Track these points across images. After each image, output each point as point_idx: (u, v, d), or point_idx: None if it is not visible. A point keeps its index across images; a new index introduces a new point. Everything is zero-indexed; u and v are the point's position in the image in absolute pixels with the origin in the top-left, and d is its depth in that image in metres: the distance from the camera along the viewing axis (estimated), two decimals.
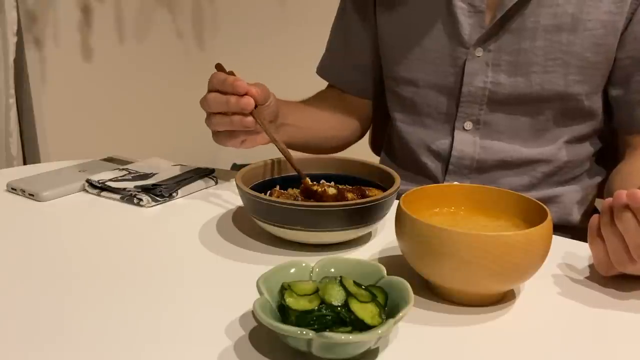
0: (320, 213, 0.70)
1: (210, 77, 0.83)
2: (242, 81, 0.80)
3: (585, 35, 0.90)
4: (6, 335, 0.56)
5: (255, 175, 0.80)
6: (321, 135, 1.08)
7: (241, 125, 0.82)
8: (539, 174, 0.98)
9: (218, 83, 0.81)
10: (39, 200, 0.87)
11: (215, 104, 0.81)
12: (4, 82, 1.69)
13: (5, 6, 1.64)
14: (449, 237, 0.58)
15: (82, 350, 0.54)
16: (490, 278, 0.59)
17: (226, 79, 0.81)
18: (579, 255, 0.73)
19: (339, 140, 1.13)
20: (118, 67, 2.14)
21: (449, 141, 1.00)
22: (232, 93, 0.80)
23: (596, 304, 0.63)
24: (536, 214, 0.63)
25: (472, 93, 0.96)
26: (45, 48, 1.91)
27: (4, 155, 1.74)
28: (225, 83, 0.81)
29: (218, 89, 0.82)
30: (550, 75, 0.92)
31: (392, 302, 0.55)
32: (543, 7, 0.90)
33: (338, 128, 1.11)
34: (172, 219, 0.84)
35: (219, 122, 0.83)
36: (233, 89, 0.80)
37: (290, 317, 0.53)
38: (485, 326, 0.59)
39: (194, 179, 0.92)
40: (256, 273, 0.57)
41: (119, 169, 0.95)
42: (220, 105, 0.81)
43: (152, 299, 0.63)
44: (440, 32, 0.97)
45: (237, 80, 0.80)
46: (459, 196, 0.70)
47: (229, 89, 0.80)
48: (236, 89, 0.80)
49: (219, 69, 0.84)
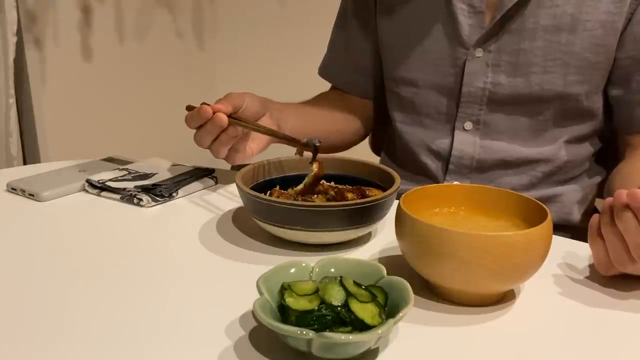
0: (320, 213, 0.70)
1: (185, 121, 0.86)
2: (205, 106, 0.83)
3: (585, 36, 0.90)
4: (6, 335, 0.56)
5: (255, 175, 0.80)
6: (325, 131, 1.07)
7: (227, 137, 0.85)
8: (539, 173, 0.98)
9: (190, 121, 0.85)
10: (39, 200, 0.87)
11: (202, 140, 0.85)
12: (4, 82, 1.69)
13: (5, 6, 1.64)
14: (449, 237, 0.58)
15: (83, 349, 0.54)
16: (490, 278, 0.59)
17: (191, 115, 0.84)
18: (579, 255, 0.73)
19: (342, 136, 1.12)
20: (118, 67, 2.14)
21: (449, 141, 1.00)
22: (204, 121, 0.83)
23: (596, 304, 0.63)
24: (536, 214, 0.63)
25: (472, 93, 0.96)
26: (45, 48, 1.91)
27: (4, 155, 1.74)
28: (193, 118, 0.84)
29: (194, 126, 0.85)
30: (550, 75, 0.92)
31: (392, 302, 0.55)
32: (542, 7, 0.90)
33: (341, 126, 1.12)
34: (172, 219, 0.84)
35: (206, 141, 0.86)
36: (201, 118, 0.83)
37: (290, 317, 0.53)
38: (485, 326, 0.59)
39: (194, 179, 0.92)
40: (256, 273, 0.57)
41: (119, 169, 0.95)
42: (206, 137, 0.85)
43: (152, 299, 0.63)
44: (440, 33, 0.97)
45: (200, 108, 0.83)
46: (459, 196, 0.70)
47: (199, 119, 0.83)
48: (203, 116, 0.83)
49: (188, 109, 0.87)
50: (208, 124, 0.83)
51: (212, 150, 0.87)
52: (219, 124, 0.82)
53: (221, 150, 0.86)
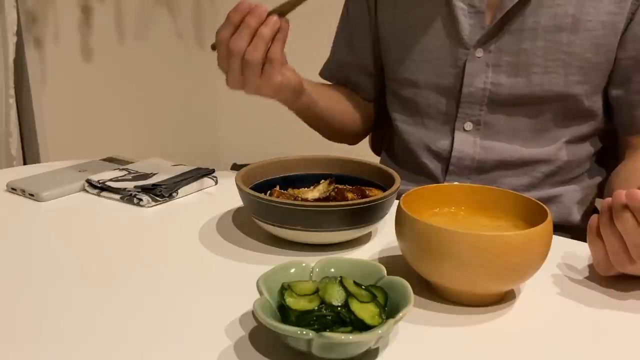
0: (320, 213, 0.70)
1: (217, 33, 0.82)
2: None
3: (586, 36, 0.90)
4: (6, 335, 0.56)
5: (255, 175, 0.80)
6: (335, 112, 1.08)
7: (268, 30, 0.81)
8: (539, 174, 0.98)
9: (225, 26, 0.81)
10: (39, 200, 0.87)
11: (239, 40, 0.80)
12: (4, 82, 1.69)
13: (5, 6, 1.64)
14: (449, 237, 0.58)
15: (83, 350, 0.54)
16: (490, 278, 0.59)
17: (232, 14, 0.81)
18: (579, 255, 0.73)
19: (347, 123, 1.12)
20: (118, 67, 2.14)
21: (449, 142, 1.00)
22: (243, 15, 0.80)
23: (596, 304, 0.63)
24: (536, 214, 0.63)
25: (473, 94, 0.96)
26: (45, 48, 1.91)
27: (4, 155, 1.74)
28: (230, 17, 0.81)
29: (233, 23, 0.81)
30: (551, 75, 0.92)
31: (392, 302, 0.55)
32: (543, 7, 0.91)
33: (348, 112, 1.12)
34: (172, 219, 0.84)
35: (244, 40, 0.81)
36: (238, 12, 0.80)
37: (290, 317, 0.53)
38: (485, 326, 0.59)
39: (194, 179, 0.93)
40: (256, 273, 0.57)
41: (119, 169, 0.95)
42: (245, 34, 0.80)
43: (152, 299, 0.63)
44: (441, 33, 0.97)
45: (238, 3, 0.80)
46: (459, 196, 0.70)
47: (237, 15, 0.80)
48: (241, 10, 0.80)
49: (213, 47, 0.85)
50: (247, 16, 0.80)
51: (249, 53, 0.81)
52: (259, 11, 0.80)
53: (261, 49, 0.81)
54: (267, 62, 0.83)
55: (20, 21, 1.72)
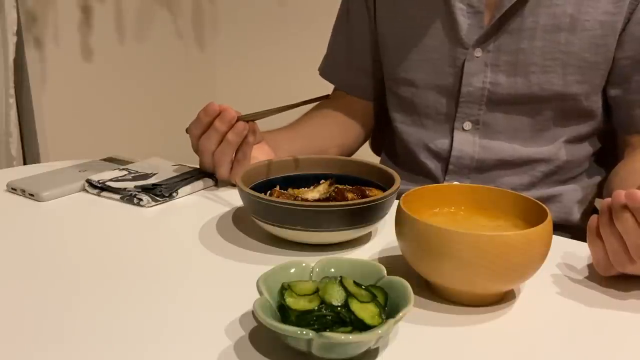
0: (320, 213, 0.70)
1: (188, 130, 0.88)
2: (212, 103, 0.84)
3: (584, 36, 0.90)
4: (7, 335, 0.57)
5: (255, 175, 0.81)
6: (321, 151, 1.07)
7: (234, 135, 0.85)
8: (539, 173, 0.98)
9: (195, 124, 0.86)
10: (39, 200, 0.87)
11: (208, 142, 0.86)
12: (4, 82, 1.69)
13: (5, 6, 1.64)
14: (449, 237, 0.58)
15: (83, 349, 0.54)
16: (490, 278, 0.59)
17: (197, 118, 0.86)
18: (579, 255, 0.73)
19: (340, 150, 1.11)
20: (118, 67, 2.14)
21: (448, 141, 1.00)
22: (212, 118, 0.84)
23: (596, 304, 0.63)
24: (536, 213, 0.63)
25: (471, 93, 0.96)
26: (45, 48, 1.91)
27: (4, 155, 1.74)
28: (198, 118, 0.85)
29: (201, 126, 0.85)
30: (549, 75, 0.92)
31: (392, 302, 0.55)
32: (541, 7, 0.91)
33: (338, 140, 1.11)
34: (172, 219, 0.84)
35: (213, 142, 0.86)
36: (207, 114, 0.84)
37: (290, 317, 0.53)
38: (485, 326, 0.59)
39: (194, 179, 0.92)
40: (256, 273, 0.57)
41: (119, 169, 0.95)
42: (213, 137, 0.85)
43: (152, 299, 0.63)
44: (439, 33, 0.97)
45: (207, 106, 0.84)
46: (459, 196, 0.70)
47: (206, 116, 0.84)
48: (210, 112, 0.84)
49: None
50: (216, 120, 0.83)
51: (217, 155, 0.86)
52: (228, 117, 0.82)
53: (228, 154, 0.86)
54: (235, 162, 0.87)
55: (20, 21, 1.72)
